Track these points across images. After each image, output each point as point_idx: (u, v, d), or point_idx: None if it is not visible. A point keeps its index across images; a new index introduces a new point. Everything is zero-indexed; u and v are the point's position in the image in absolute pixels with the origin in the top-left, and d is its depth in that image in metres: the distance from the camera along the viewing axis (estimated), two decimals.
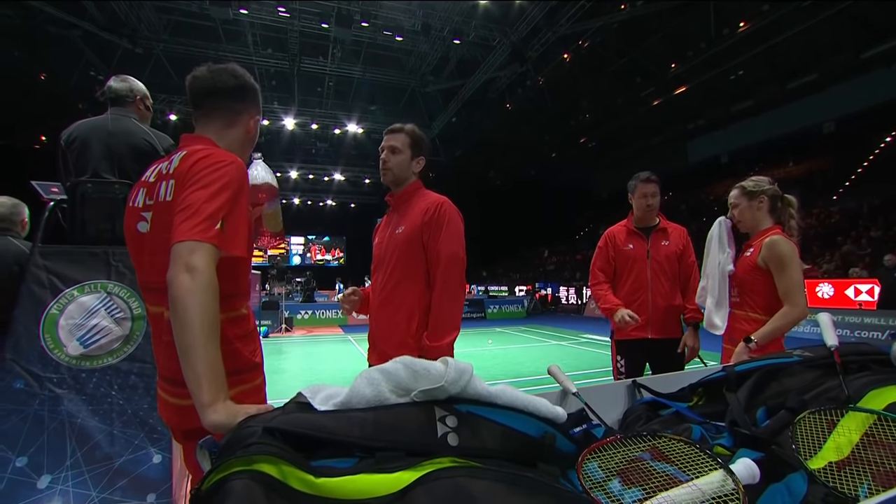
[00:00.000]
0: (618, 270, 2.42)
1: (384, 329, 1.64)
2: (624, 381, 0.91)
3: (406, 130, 1.69)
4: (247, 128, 1.13)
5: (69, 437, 1.58)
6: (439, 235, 1.57)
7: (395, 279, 1.62)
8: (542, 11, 11.63)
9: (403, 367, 0.54)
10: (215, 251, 0.83)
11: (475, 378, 0.56)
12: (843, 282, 10.51)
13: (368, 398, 0.52)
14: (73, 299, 1.68)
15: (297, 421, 0.48)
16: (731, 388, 0.80)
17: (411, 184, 1.72)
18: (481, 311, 15.64)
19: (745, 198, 1.94)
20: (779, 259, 1.77)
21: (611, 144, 23.12)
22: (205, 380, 0.72)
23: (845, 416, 0.66)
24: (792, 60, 15.57)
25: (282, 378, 6.05)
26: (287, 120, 17.85)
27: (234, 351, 1.01)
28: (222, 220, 0.85)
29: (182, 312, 0.76)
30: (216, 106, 1.08)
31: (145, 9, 12.79)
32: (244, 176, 0.97)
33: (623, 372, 2.32)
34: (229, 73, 1.08)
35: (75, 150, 1.78)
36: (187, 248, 0.80)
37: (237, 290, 1.04)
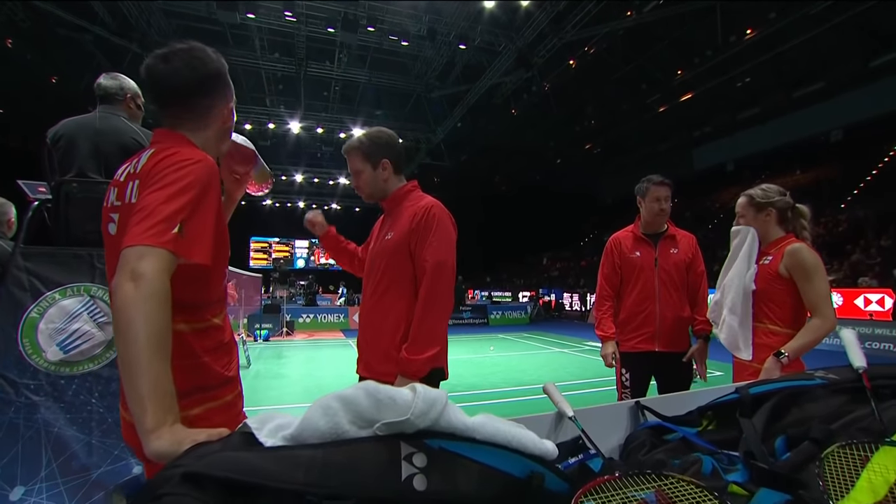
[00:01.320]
0: (624, 279, 2.32)
1: (370, 339, 1.57)
2: (626, 403, 0.83)
3: (355, 147, 1.59)
4: (222, 119, 1.04)
5: (45, 446, 1.51)
6: (427, 242, 1.47)
7: (383, 288, 1.54)
8: (548, 17, 11.60)
9: (365, 394, 0.46)
10: (170, 257, 0.75)
11: (450, 408, 0.48)
12: (852, 291, 10.33)
13: (323, 431, 0.44)
14: (54, 302, 1.62)
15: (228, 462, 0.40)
16: (745, 412, 0.72)
17: (401, 187, 1.63)
18: (484, 317, 15.52)
19: (753, 209, 1.85)
20: (804, 268, 1.67)
21: (616, 151, 23.02)
22: (149, 401, 0.63)
23: (878, 452, 0.58)
24: (799, 68, 15.46)
25: (281, 383, 5.97)
26: (293, 124, 17.92)
27: (202, 365, 0.93)
28: (181, 224, 0.78)
29: (124, 325, 0.68)
30: (183, 106, 0.97)
31: (155, 13, 12.92)
32: (213, 176, 0.89)
33: (628, 386, 2.22)
34: (188, 66, 0.95)
35: (61, 149, 1.73)
36: (136, 253, 0.72)
37: (206, 298, 0.96)
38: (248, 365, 7.04)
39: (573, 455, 0.67)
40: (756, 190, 1.87)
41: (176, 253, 0.76)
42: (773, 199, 1.82)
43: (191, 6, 12.20)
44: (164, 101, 0.98)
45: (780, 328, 1.73)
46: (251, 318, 11.08)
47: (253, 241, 30.02)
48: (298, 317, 13.13)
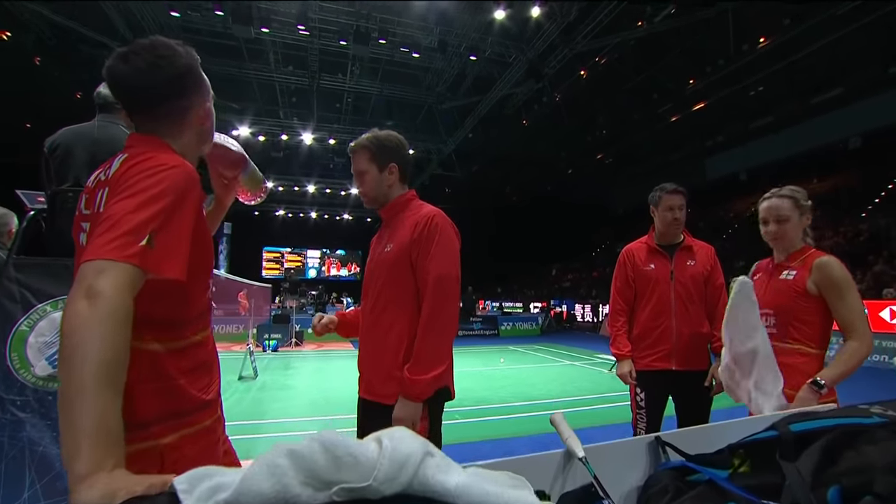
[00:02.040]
0: (638, 293, 2.19)
1: (371, 358, 1.48)
2: (644, 438, 0.73)
3: (363, 145, 1.52)
4: (199, 121, 0.96)
5: (29, 466, 1.45)
6: (429, 253, 1.39)
7: (383, 303, 1.45)
8: (558, 28, 11.60)
9: (322, 449, 0.37)
10: (135, 272, 0.68)
11: (427, 465, 0.38)
12: (876, 303, 9.95)
13: (267, 495, 0.35)
14: (45, 315, 1.57)
15: None
16: (787, 454, 0.61)
17: (401, 195, 1.56)
18: (494, 329, 15.33)
19: (798, 212, 1.64)
20: (836, 284, 1.52)
21: (628, 161, 22.83)
22: (86, 441, 0.54)
23: None
24: (815, 75, 15.21)
25: (287, 395, 5.90)
26: (305, 135, 18.15)
27: (178, 388, 0.85)
28: (151, 235, 0.70)
29: (72, 349, 0.59)
30: (154, 113, 0.89)
31: (173, 29, 13.25)
32: (191, 183, 0.81)
33: (643, 406, 2.09)
34: (150, 65, 0.85)
35: (58, 158, 1.70)
36: (94, 268, 0.65)
37: (185, 315, 0.88)
38: (255, 376, 7.00)
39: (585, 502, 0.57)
40: (789, 190, 1.68)
41: (143, 267, 0.69)
42: (808, 202, 1.68)
43: (207, 22, 12.49)
44: (130, 105, 0.90)
45: (812, 349, 1.58)
46: (260, 328, 11.09)
47: (266, 251, 30.32)
48: (307, 327, 13.09)
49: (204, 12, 12.00)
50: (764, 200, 1.72)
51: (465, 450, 3.77)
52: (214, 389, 0.94)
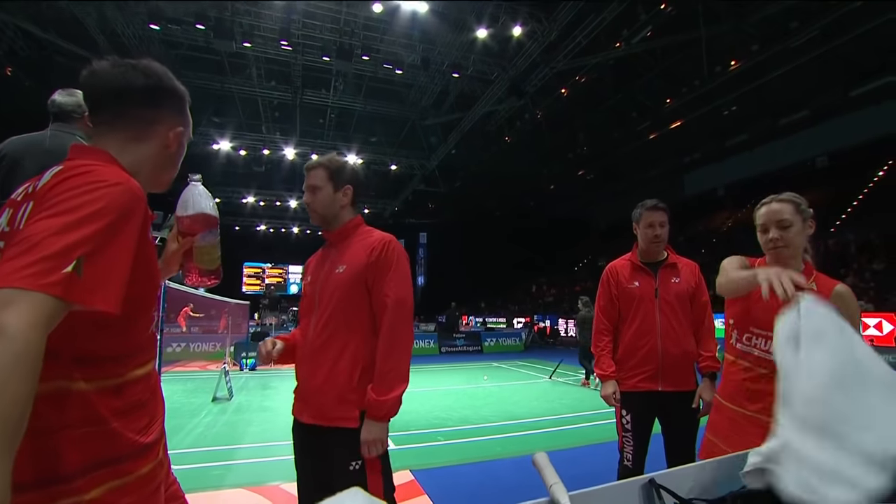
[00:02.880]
0: (622, 312, 2.14)
1: (321, 382, 1.41)
2: (637, 481, 0.66)
3: (322, 164, 1.55)
4: (164, 142, 0.88)
5: None
6: (386, 277, 1.43)
7: (334, 325, 1.42)
8: (539, 47, 11.86)
9: None
10: (53, 304, 0.58)
11: None
12: None
13: None
14: None
15: None
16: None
17: (351, 219, 1.58)
18: (478, 345, 15.20)
19: (800, 217, 1.47)
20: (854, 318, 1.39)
21: (609, 177, 23.30)
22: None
23: None
24: (783, 97, 15.89)
25: (265, 417, 5.66)
26: (288, 150, 18.01)
27: (110, 433, 0.73)
28: (79, 260, 0.61)
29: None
30: (119, 112, 0.84)
31: (154, 42, 13.10)
32: (135, 202, 0.72)
33: (629, 429, 2.02)
34: (140, 71, 0.85)
35: (4, 169, 1.58)
36: (2, 298, 0.55)
37: (123, 349, 0.77)
38: (230, 397, 6.72)
39: None
40: (790, 195, 1.52)
41: (65, 299, 0.59)
42: (810, 210, 1.52)
43: (189, 35, 12.37)
44: (100, 102, 0.84)
45: None
46: (238, 347, 10.75)
47: (246, 266, 29.74)
48: None
49: (185, 26, 11.89)
50: (762, 206, 1.54)
51: (449, 474, 3.64)
52: (156, 430, 0.83)
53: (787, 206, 1.48)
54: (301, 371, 1.48)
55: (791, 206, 1.48)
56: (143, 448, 0.78)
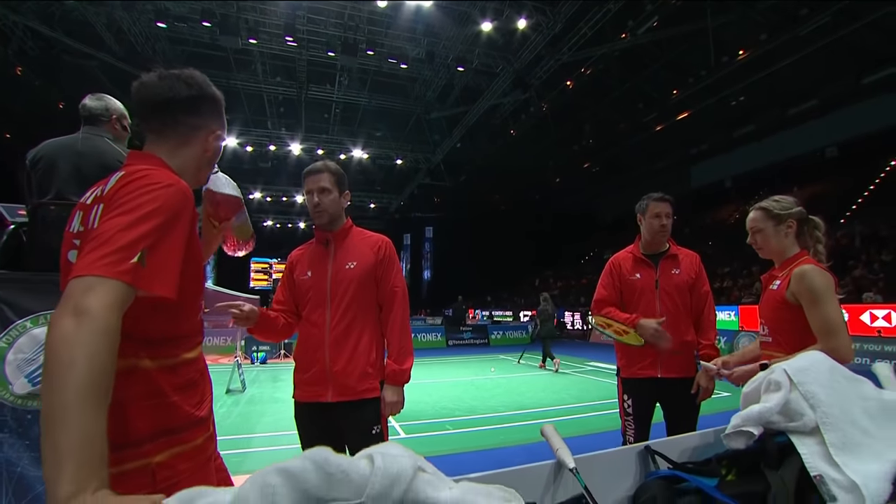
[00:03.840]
0: (625, 302, 2.20)
1: (345, 364, 1.62)
2: (634, 448, 0.74)
3: (329, 169, 1.70)
4: (205, 146, 0.98)
5: (5, 487, 1.40)
6: (392, 272, 1.72)
7: (353, 314, 1.64)
8: (544, 39, 11.81)
9: (314, 466, 0.37)
10: (125, 290, 0.67)
11: (419, 481, 0.39)
12: (857, 307, 10.17)
13: None
14: (24, 331, 1.53)
15: None
16: (771, 463, 0.63)
17: (348, 220, 1.78)
18: (485, 338, 15.30)
19: (772, 222, 1.66)
20: (810, 293, 1.51)
21: (614, 169, 23.17)
22: (69, 460, 0.53)
23: None
24: (792, 86, 15.68)
25: (277, 408, 5.80)
26: (294, 146, 18.10)
27: (171, 405, 0.84)
28: (143, 252, 0.70)
29: (55, 367, 0.58)
30: (167, 121, 0.93)
31: (161, 39, 13.20)
32: (185, 202, 0.82)
33: (630, 413, 2.10)
34: (183, 82, 0.93)
35: (40, 171, 1.67)
36: (83, 284, 0.64)
37: (177, 332, 0.88)
38: (243, 389, 6.87)
39: None
40: (768, 202, 1.70)
41: (134, 285, 0.69)
42: (791, 209, 1.66)
43: (195, 32, 12.45)
44: (148, 112, 0.94)
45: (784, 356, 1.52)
46: (248, 341, 10.90)
47: (253, 261, 29.95)
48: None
49: (191, 23, 11.96)
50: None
51: (456, 461, 3.74)
52: (206, 406, 0.94)
53: (757, 213, 1.70)
54: (319, 357, 1.62)
55: (761, 213, 1.69)
56: (197, 420, 0.89)
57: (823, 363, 0.71)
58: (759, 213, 1.70)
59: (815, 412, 0.62)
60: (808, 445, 0.60)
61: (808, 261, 1.60)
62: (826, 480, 0.54)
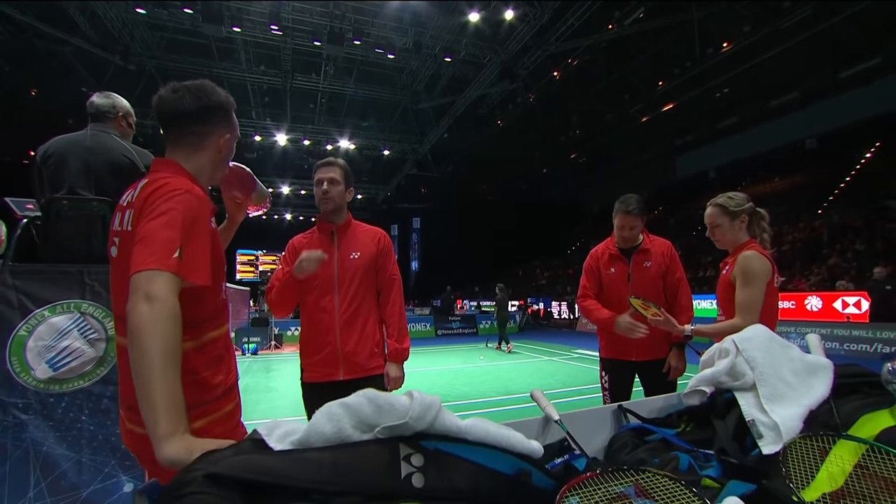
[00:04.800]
0: (603, 293, 2.36)
1: (355, 344, 1.77)
2: (609, 406, 0.88)
3: (339, 164, 1.85)
4: (217, 148, 1.09)
5: (33, 466, 1.49)
6: (390, 261, 1.91)
7: (360, 299, 1.80)
8: (531, 30, 11.86)
9: (367, 401, 0.50)
10: (175, 279, 0.82)
11: (444, 412, 0.52)
12: (830, 294, 10.62)
13: (328, 436, 0.48)
14: (43, 320, 1.61)
15: (245, 464, 0.44)
16: (718, 414, 0.77)
17: (348, 214, 1.91)
18: (473, 327, 15.53)
19: (727, 217, 1.88)
20: (744, 274, 1.74)
21: (601, 160, 23.44)
22: (162, 411, 0.69)
23: (836, 445, 0.63)
24: (774, 79, 16.02)
25: (271, 397, 5.90)
26: (279, 136, 17.89)
27: (202, 381, 0.97)
28: (180, 249, 0.84)
29: (140, 342, 0.73)
30: (182, 130, 1.04)
31: (138, 25, 12.85)
32: (201, 204, 0.95)
33: (608, 388, 2.27)
34: (193, 94, 1.03)
35: (51, 166, 1.74)
36: (146, 277, 0.79)
37: (203, 315, 1.01)
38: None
39: (559, 456, 0.71)
40: (723, 199, 1.90)
41: (180, 275, 0.82)
42: (744, 205, 1.87)
43: (175, 19, 12.16)
44: (165, 124, 1.05)
45: None
46: (239, 332, 10.93)
47: (239, 253, 29.66)
48: (287, 329, 12.98)
49: (172, 10, 11.69)
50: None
51: None
52: (232, 377, 1.07)
53: (714, 209, 1.89)
54: (331, 339, 1.77)
55: (717, 209, 1.88)
56: (226, 391, 1.03)
57: (764, 334, 0.86)
58: (716, 209, 1.89)
59: (753, 372, 0.77)
60: (746, 398, 0.75)
61: (753, 247, 1.81)
62: (756, 423, 0.69)
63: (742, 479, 0.61)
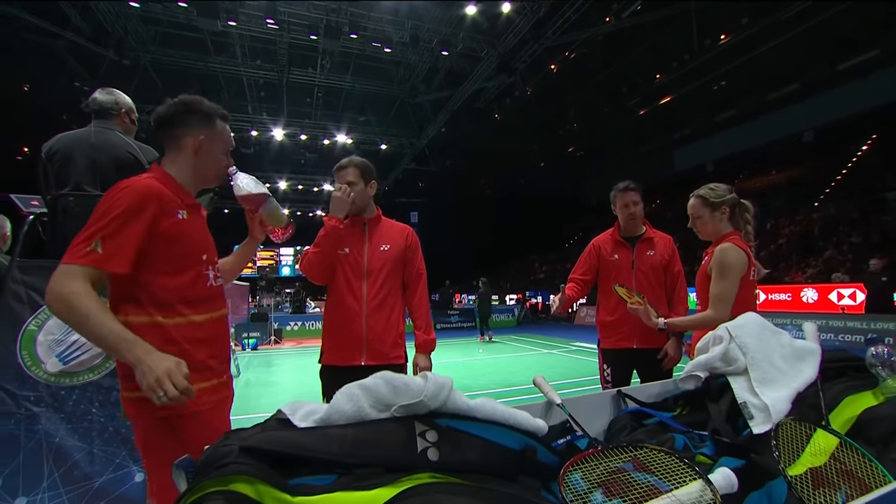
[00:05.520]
0: (602, 281, 2.41)
1: (381, 331, 1.83)
2: (609, 391, 0.91)
3: (354, 163, 1.88)
4: (193, 149, 1.16)
5: (46, 457, 1.53)
6: (417, 257, 1.99)
7: (387, 289, 1.87)
8: (528, 23, 11.82)
9: (384, 382, 0.53)
10: (84, 269, 0.94)
11: (455, 392, 0.56)
12: (826, 286, 10.71)
13: (348, 414, 0.52)
14: (52, 315, 1.64)
15: (275, 439, 0.48)
16: (713, 398, 0.81)
17: (377, 209, 1.98)
18: (472, 321, 15.60)
19: (708, 209, 1.90)
20: (720, 266, 1.76)
21: (599, 153, 23.44)
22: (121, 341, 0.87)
23: (815, 433, 0.67)
24: (772, 71, 16.00)
25: (271, 391, 5.95)
26: (276, 131, 17.82)
27: (185, 352, 1.06)
28: (98, 241, 0.95)
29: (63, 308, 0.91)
30: (162, 136, 1.16)
31: (132, 19, 12.72)
32: (145, 196, 1.02)
33: (609, 381, 2.31)
34: (166, 104, 1.16)
35: (57, 163, 1.76)
36: (59, 270, 0.95)
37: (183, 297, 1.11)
38: (237, 374, 6.99)
39: (562, 437, 0.74)
40: (705, 190, 1.93)
41: (93, 265, 0.95)
42: (725, 197, 1.89)
43: (169, 13, 12.05)
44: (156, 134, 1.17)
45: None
46: (238, 328, 10.96)
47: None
48: (286, 325, 13.02)
49: (166, 3, 11.58)
50: None
51: None
52: (216, 359, 1.17)
53: (695, 201, 1.93)
54: (356, 325, 1.81)
55: (699, 200, 1.92)
56: (207, 367, 1.13)
57: (755, 321, 0.90)
58: (697, 200, 1.93)
59: (746, 357, 0.80)
60: (738, 382, 0.79)
61: (732, 239, 1.82)
62: (748, 405, 0.73)
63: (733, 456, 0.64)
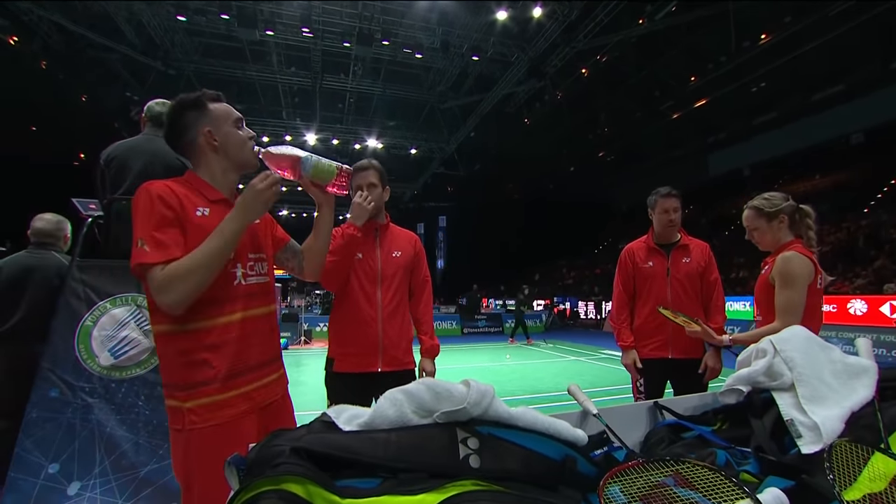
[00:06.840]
0: (638, 289, 2.35)
1: (395, 337, 1.83)
2: (645, 403, 0.90)
3: (374, 166, 1.87)
4: (207, 143, 1.16)
5: (98, 445, 1.63)
6: (423, 264, 2.02)
7: (399, 295, 1.89)
8: (559, 27, 11.72)
9: (426, 388, 0.55)
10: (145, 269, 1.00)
11: (496, 400, 0.57)
12: (877, 298, 10.07)
13: (391, 419, 0.54)
14: (105, 311, 1.75)
15: (324, 441, 0.50)
16: (755, 413, 0.78)
17: (387, 215, 1.95)
18: (499, 326, 15.51)
19: (764, 220, 1.84)
20: (783, 275, 1.70)
21: (630, 158, 22.92)
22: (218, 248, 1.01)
23: (874, 456, 0.64)
24: (817, 71, 15.27)
25: (301, 391, 6.09)
26: (309, 136, 18.30)
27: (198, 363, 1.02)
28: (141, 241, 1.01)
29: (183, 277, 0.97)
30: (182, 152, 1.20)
31: (178, 32, 13.42)
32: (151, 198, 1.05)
33: (643, 392, 2.25)
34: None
35: (113, 169, 1.88)
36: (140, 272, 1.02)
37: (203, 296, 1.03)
38: None
39: (599, 447, 0.74)
40: (759, 200, 1.86)
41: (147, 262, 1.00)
42: (781, 205, 1.82)
43: (212, 25, 12.64)
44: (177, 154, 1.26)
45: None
46: None
47: None
48: (316, 325, 13.31)
49: (209, 16, 12.16)
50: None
51: None
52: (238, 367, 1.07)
53: (750, 212, 1.87)
54: (372, 331, 1.78)
55: (752, 211, 1.86)
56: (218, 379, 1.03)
57: (801, 334, 0.86)
58: (752, 212, 1.87)
59: (792, 372, 0.77)
60: (784, 398, 0.75)
61: (795, 247, 1.76)
62: (795, 423, 0.70)
63: (780, 476, 0.62)
